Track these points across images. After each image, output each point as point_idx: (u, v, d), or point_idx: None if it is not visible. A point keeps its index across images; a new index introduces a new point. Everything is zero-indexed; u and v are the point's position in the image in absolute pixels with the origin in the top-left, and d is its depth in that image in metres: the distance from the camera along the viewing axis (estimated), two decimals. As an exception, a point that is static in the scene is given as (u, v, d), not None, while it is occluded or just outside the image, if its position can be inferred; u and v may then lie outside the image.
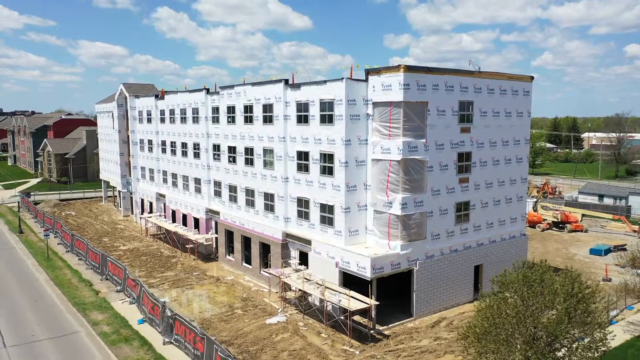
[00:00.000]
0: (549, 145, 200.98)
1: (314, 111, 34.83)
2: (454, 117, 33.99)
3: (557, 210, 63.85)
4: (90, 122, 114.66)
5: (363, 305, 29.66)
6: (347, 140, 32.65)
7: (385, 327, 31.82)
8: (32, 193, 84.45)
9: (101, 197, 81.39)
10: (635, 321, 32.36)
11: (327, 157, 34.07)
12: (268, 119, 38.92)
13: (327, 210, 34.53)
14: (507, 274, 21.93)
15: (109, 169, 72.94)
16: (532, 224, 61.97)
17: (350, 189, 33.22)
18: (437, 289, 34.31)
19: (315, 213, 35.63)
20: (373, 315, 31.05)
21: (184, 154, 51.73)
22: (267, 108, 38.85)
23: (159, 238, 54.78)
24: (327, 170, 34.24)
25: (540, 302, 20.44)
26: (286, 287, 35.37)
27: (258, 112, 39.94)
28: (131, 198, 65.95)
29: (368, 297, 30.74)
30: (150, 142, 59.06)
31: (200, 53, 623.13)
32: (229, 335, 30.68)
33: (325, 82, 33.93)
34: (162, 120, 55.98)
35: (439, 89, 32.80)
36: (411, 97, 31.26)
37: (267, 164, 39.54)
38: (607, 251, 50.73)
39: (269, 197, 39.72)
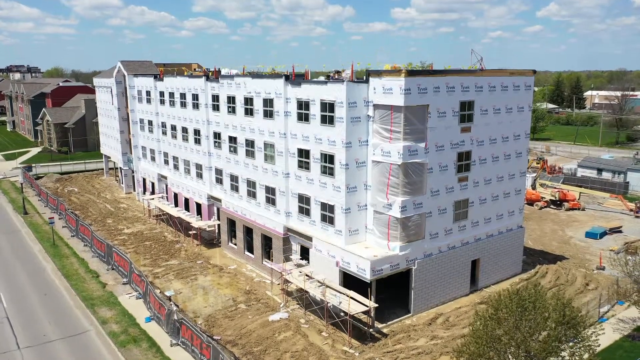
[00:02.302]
0: (550, 105, 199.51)
1: (315, 110, 34.78)
2: (455, 118, 33.99)
3: (555, 188, 64.41)
4: (88, 89, 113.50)
5: (363, 308, 30.67)
6: (348, 142, 32.80)
7: (384, 325, 32.98)
8: (33, 165, 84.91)
9: (102, 169, 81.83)
10: (625, 318, 33.44)
11: (328, 158, 34.29)
12: (268, 114, 38.86)
13: (327, 209, 35.06)
14: (502, 297, 22.68)
15: (110, 144, 72.97)
16: (530, 202, 62.66)
17: (351, 190, 33.63)
18: (435, 285, 35.29)
19: (316, 210, 36.18)
20: (372, 315, 32.13)
21: (185, 138, 51.77)
22: (268, 102, 38.72)
23: (161, 220, 55.55)
24: (328, 171, 34.54)
25: (533, 327, 21.26)
26: (288, 281, 36.35)
27: (258, 106, 39.81)
28: (133, 176, 66.39)
29: (368, 294, 31.75)
30: (150, 122, 58.92)
31: (197, 4, 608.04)
32: (233, 334, 31.86)
33: (326, 82, 33.77)
34: (162, 102, 55.66)
35: (440, 90, 32.67)
36: (412, 102, 31.21)
37: (268, 158, 39.77)
38: (603, 234, 51.60)
39: (270, 190, 40.17)
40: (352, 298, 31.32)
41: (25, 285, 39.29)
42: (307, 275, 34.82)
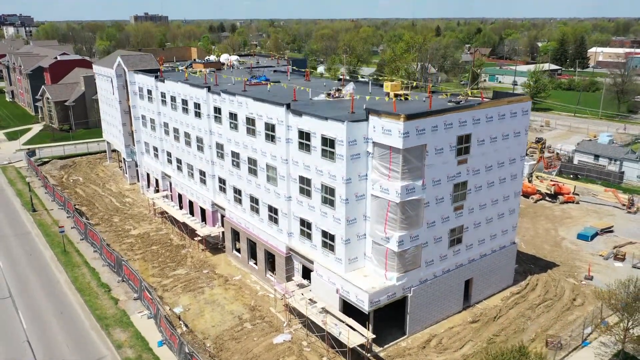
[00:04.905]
0: (553, 67, 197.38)
1: (316, 143, 35.66)
2: (452, 152, 34.92)
3: (551, 182, 65.65)
4: (86, 63, 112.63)
5: (362, 340, 32.80)
6: (348, 179, 33.90)
7: (381, 349, 35.25)
8: (36, 147, 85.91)
9: (105, 151, 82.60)
10: (607, 341, 35.57)
11: (329, 190, 35.46)
12: (270, 137, 39.68)
13: (328, 237, 36.57)
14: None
15: (112, 133, 73.60)
16: (526, 195, 64.12)
17: (351, 222, 35.03)
18: (430, 307, 37.31)
19: (317, 236, 37.69)
20: (370, 342, 34.28)
21: (188, 143, 52.53)
22: (270, 127, 39.45)
23: (166, 218, 57.03)
24: (329, 202, 35.79)
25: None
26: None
27: (260, 128, 40.56)
28: (137, 170, 67.45)
29: (366, 323, 33.80)
30: (152, 120, 59.40)
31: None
32: (240, 359, 34.16)
33: (326, 118, 34.43)
34: (164, 102, 55.98)
35: (438, 129, 33.45)
36: (410, 143, 32.08)
37: (271, 179, 40.88)
38: (594, 236, 53.35)
39: (272, 209, 41.52)
40: (351, 327, 33.38)
41: (41, 301, 41.34)
42: (309, 299, 36.76)
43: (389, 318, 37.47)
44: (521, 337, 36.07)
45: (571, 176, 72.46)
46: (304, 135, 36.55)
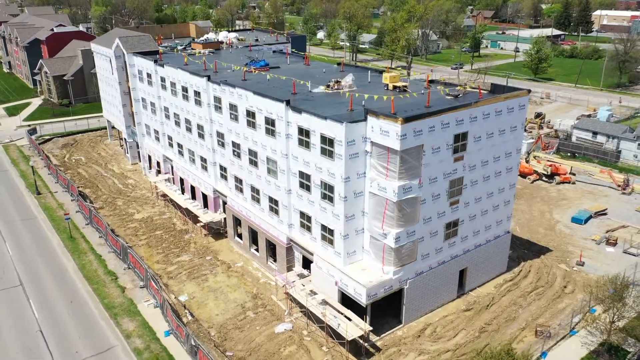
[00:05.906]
0: (555, 32, 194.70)
1: (315, 140, 36.29)
2: (448, 151, 35.62)
3: (548, 162, 66.37)
4: (83, 35, 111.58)
5: (360, 332, 34.38)
6: (347, 177, 34.71)
7: (378, 338, 36.92)
8: (37, 124, 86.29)
9: (105, 128, 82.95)
10: (594, 331, 37.20)
11: (328, 187, 36.33)
12: (270, 132, 40.24)
13: (327, 232, 37.68)
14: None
15: (112, 112, 73.81)
16: (523, 175, 65.04)
17: (349, 218, 36.05)
18: (425, 297, 38.82)
19: (316, 229, 38.80)
20: (367, 333, 35.89)
21: (188, 129, 53.00)
22: (269, 121, 39.96)
23: (169, 201, 58.01)
24: (328, 198, 36.71)
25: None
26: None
27: (260, 121, 41.06)
28: (138, 151, 68.07)
29: (365, 309, 35.36)
30: (153, 104, 59.65)
31: None
32: (244, 348, 35.88)
33: (326, 118, 34.93)
34: (164, 87, 56.09)
35: (435, 129, 34.04)
36: (408, 145, 32.76)
37: (271, 172, 41.68)
38: (588, 219, 54.53)
39: (273, 201, 42.50)
40: (349, 319, 34.94)
41: (51, 290, 42.85)
42: (310, 290, 38.21)
43: (385, 307, 38.98)
44: (512, 326, 37.76)
45: (569, 154, 73.16)
46: (304, 132, 37.13)
